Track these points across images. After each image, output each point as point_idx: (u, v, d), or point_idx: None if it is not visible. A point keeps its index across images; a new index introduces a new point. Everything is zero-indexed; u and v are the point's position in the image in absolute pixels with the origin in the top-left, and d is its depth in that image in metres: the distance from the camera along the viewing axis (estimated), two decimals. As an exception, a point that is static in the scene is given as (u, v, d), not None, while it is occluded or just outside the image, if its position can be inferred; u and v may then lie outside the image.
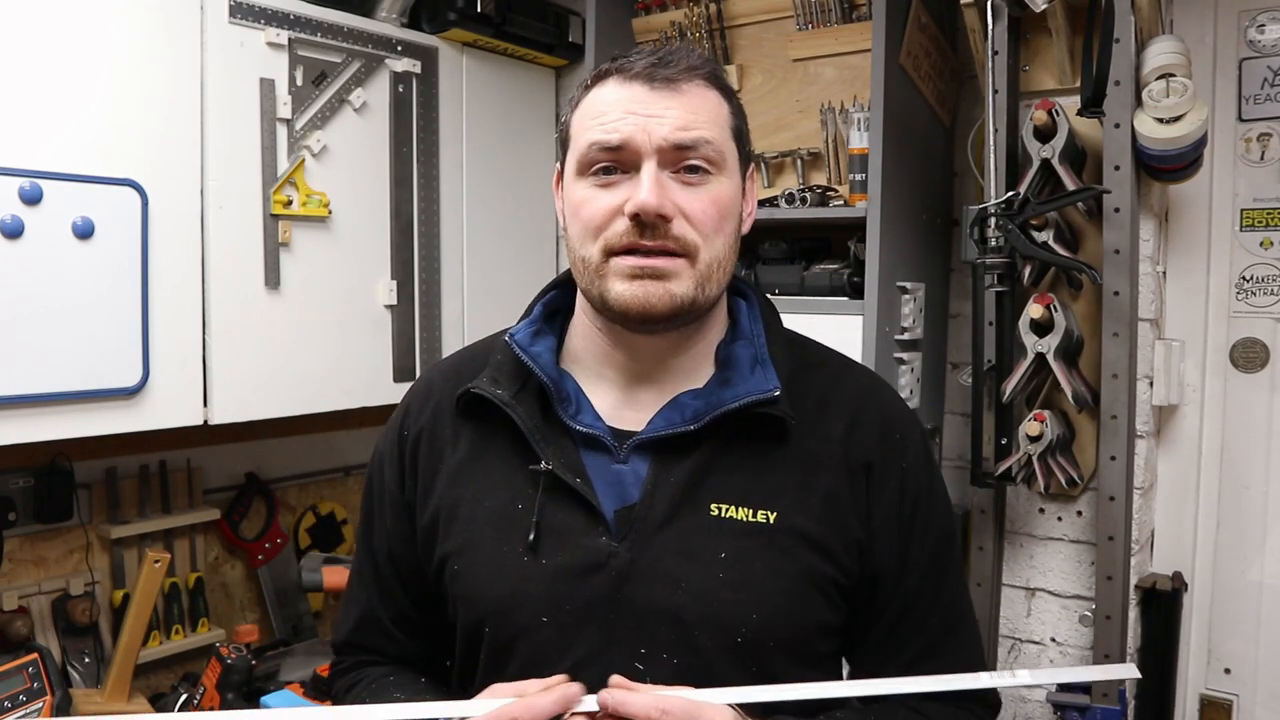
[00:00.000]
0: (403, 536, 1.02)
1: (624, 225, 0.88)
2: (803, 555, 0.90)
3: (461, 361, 1.05)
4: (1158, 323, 1.83)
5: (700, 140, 0.89)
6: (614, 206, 0.89)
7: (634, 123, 0.88)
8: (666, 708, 0.79)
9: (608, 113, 0.90)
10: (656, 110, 0.89)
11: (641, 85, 0.90)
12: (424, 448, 1.00)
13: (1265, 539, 1.81)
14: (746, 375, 0.94)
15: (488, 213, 2.25)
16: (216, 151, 1.74)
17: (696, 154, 0.89)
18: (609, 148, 0.89)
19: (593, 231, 0.90)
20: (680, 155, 0.89)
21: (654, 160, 0.88)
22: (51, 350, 1.53)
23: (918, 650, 0.96)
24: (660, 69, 0.90)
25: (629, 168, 0.89)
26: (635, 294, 0.88)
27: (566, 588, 0.90)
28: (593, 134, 0.90)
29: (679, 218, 0.88)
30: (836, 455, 0.94)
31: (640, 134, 0.88)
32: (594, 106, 0.92)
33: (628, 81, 0.90)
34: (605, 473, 0.93)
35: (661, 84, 0.89)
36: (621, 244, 0.88)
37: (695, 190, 0.90)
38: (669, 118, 0.88)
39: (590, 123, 0.91)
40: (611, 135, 0.89)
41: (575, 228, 0.93)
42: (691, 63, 0.92)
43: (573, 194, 0.93)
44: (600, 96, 0.92)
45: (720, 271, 0.92)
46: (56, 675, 1.72)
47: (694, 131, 0.89)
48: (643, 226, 0.87)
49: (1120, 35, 1.58)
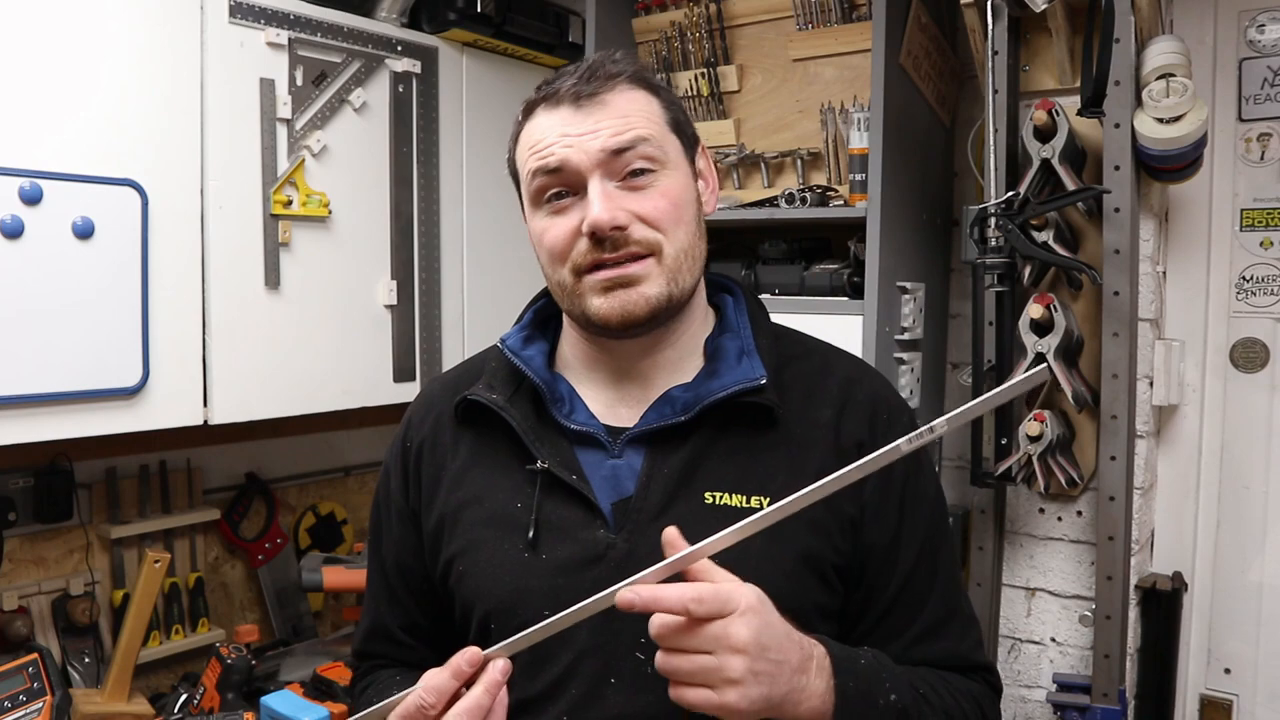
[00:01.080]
0: (409, 546, 1.05)
1: (585, 244, 0.91)
2: (798, 538, 0.92)
3: (460, 373, 1.09)
4: (1158, 323, 1.83)
5: (636, 140, 0.92)
6: (572, 229, 0.92)
7: (568, 143, 0.91)
8: (699, 595, 0.76)
9: (542, 139, 0.93)
10: (587, 127, 0.91)
11: (568, 107, 0.93)
12: (426, 457, 1.03)
13: (1265, 539, 1.81)
14: (733, 366, 0.97)
15: (488, 213, 2.25)
16: (216, 151, 1.74)
17: (636, 155, 0.92)
18: (549, 171, 0.92)
19: (560, 257, 0.93)
20: (621, 162, 0.91)
21: (597, 174, 0.91)
22: (51, 350, 1.53)
23: (919, 630, 0.97)
24: (583, 86, 0.92)
25: (576, 188, 0.92)
26: (613, 306, 0.91)
27: (567, 581, 0.91)
28: (532, 163, 0.94)
29: (635, 223, 0.91)
30: (827, 439, 0.96)
31: (576, 154, 0.91)
32: (529, 138, 0.95)
33: (555, 107, 0.94)
34: (600, 468, 0.95)
35: (587, 100, 0.92)
36: (587, 262, 0.92)
37: (645, 193, 0.92)
38: (601, 130, 0.91)
39: (529, 155, 0.94)
40: (549, 159, 0.92)
41: (544, 255, 0.96)
42: (611, 70, 0.94)
43: (533, 226, 0.97)
44: (533, 127, 0.95)
45: (689, 260, 0.95)
46: (56, 675, 1.71)
47: (627, 134, 0.91)
48: (601, 241, 0.90)
49: (1120, 35, 1.58)
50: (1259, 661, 1.82)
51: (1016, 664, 1.90)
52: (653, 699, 0.88)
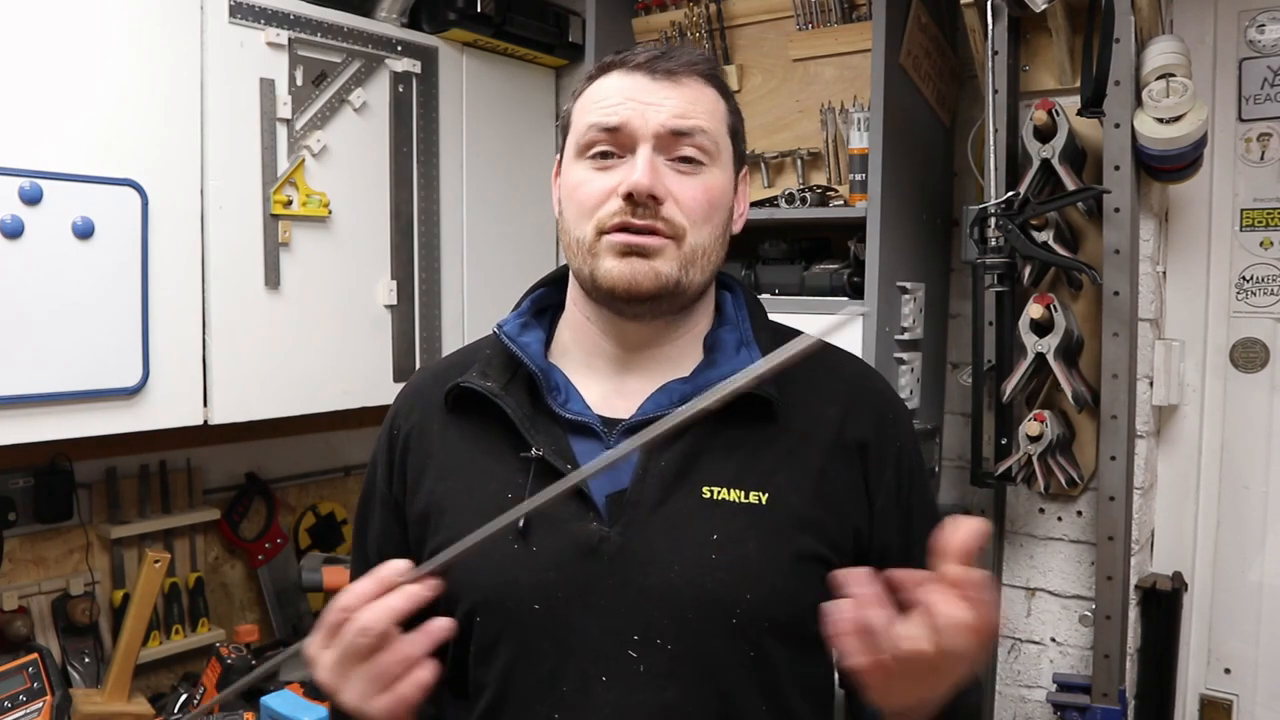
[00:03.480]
0: (392, 536, 1.03)
1: (617, 205, 0.91)
2: (796, 535, 0.91)
3: (451, 363, 1.07)
4: (1158, 323, 1.83)
5: (696, 129, 0.93)
6: (609, 188, 0.92)
7: (632, 108, 0.92)
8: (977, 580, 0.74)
9: (608, 98, 0.94)
10: (655, 99, 0.92)
11: (643, 75, 0.94)
12: (413, 445, 1.01)
13: (1265, 539, 1.81)
14: (732, 357, 0.97)
15: (488, 213, 2.25)
16: (216, 151, 1.74)
17: (691, 142, 0.93)
18: (607, 128, 0.93)
19: (587, 212, 0.93)
20: (676, 142, 0.92)
21: (650, 144, 0.92)
22: (51, 350, 1.53)
23: None
24: (661, 62, 0.94)
25: (625, 151, 0.93)
26: (623, 271, 0.91)
27: (558, 575, 0.90)
28: (592, 116, 0.94)
29: (670, 201, 0.91)
30: (829, 436, 0.95)
31: (638, 118, 0.92)
32: (595, 94, 0.96)
33: (630, 72, 0.95)
34: (595, 459, 0.93)
35: (662, 75, 0.94)
36: (613, 223, 0.91)
37: (688, 178, 0.93)
38: (667, 106, 0.92)
39: (591, 107, 0.95)
40: (610, 117, 0.92)
41: (570, 209, 0.96)
42: (692, 59, 0.96)
43: (570, 176, 0.96)
44: (602, 85, 0.96)
45: (705, 259, 0.95)
46: (56, 675, 1.72)
47: (690, 120, 0.93)
48: (635, 205, 0.90)
49: (1120, 35, 1.58)
50: (1259, 661, 1.81)
51: (1016, 664, 1.90)
52: (644, 698, 0.87)
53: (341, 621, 0.79)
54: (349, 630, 0.78)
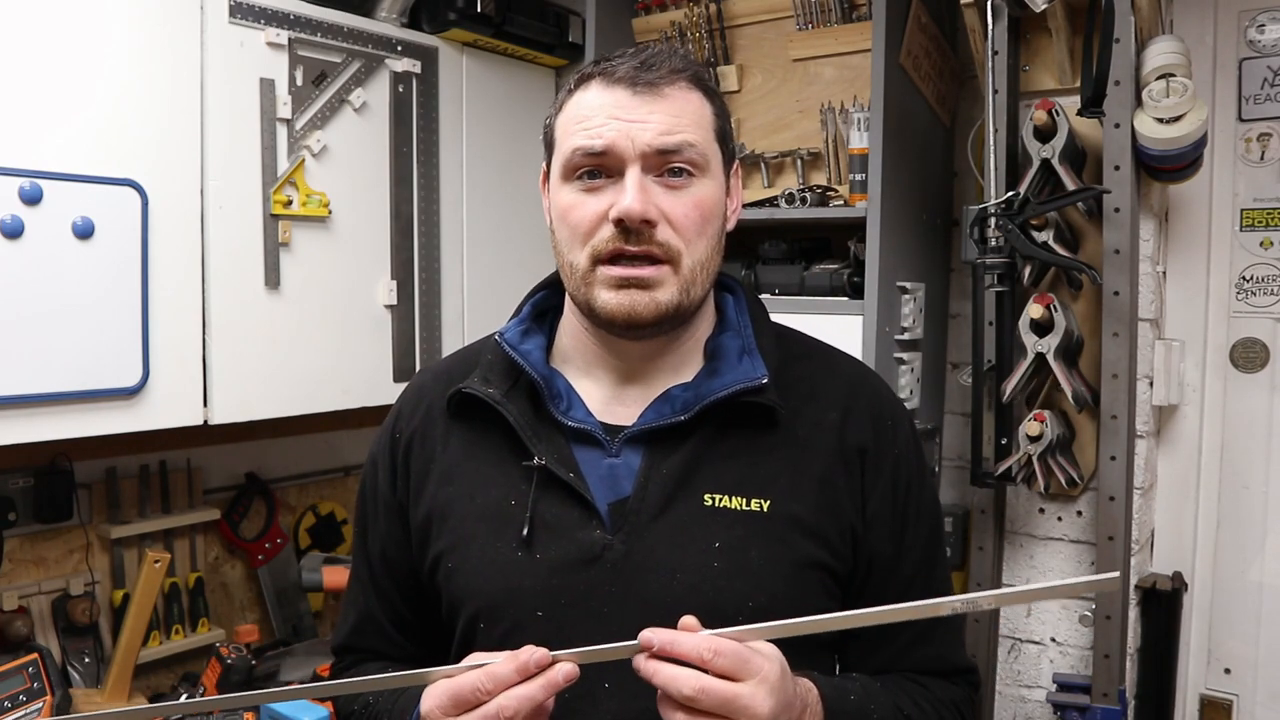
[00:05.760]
0: (396, 540, 1.03)
1: (609, 231, 0.89)
2: (797, 542, 0.91)
3: (453, 364, 1.07)
4: (1158, 323, 1.83)
5: (683, 144, 0.90)
6: (600, 212, 0.90)
7: (617, 128, 0.89)
8: (719, 649, 0.75)
9: (591, 118, 0.91)
10: (640, 115, 0.90)
11: (625, 90, 0.91)
12: (416, 449, 1.01)
13: (1265, 539, 1.81)
14: (734, 364, 0.96)
15: (488, 213, 2.25)
16: (216, 151, 1.74)
17: (680, 158, 0.91)
18: (593, 153, 0.90)
19: (580, 238, 0.91)
20: (664, 160, 0.90)
21: (638, 165, 0.89)
22: (51, 350, 1.53)
23: (911, 637, 0.98)
24: (643, 73, 0.91)
25: (613, 172, 0.91)
26: (621, 303, 0.90)
27: (561, 582, 0.90)
28: (576, 139, 0.91)
29: (663, 223, 0.90)
30: (830, 442, 0.95)
31: (623, 140, 0.89)
32: (578, 111, 0.93)
33: (611, 86, 0.92)
34: (598, 466, 0.94)
35: (644, 88, 0.91)
36: (607, 250, 0.90)
37: (679, 194, 0.91)
38: (652, 123, 0.90)
39: (574, 127, 0.92)
40: (595, 141, 0.90)
41: (563, 232, 0.94)
42: (674, 65, 0.93)
43: (559, 199, 0.94)
44: (584, 101, 0.93)
45: (704, 274, 0.94)
46: (56, 675, 1.72)
47: (677, 136, 0.90)
48: (627, 231, 0.89)
49: (1120, 35, 1.58)
50: (1259, 661, 1.81)
51: (1016, 664, 1.90)
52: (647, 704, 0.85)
53: (477, 701, 0.79)
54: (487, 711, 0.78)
